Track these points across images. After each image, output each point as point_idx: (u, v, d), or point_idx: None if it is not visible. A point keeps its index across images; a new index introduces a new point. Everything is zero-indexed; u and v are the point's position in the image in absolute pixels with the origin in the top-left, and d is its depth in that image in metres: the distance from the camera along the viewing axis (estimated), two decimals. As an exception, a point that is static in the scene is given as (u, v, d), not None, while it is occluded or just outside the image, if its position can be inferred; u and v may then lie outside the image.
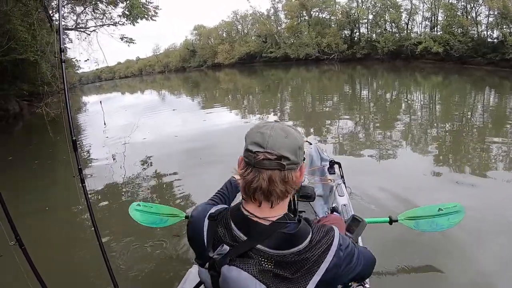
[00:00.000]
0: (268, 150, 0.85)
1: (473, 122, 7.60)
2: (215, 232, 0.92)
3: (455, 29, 25.03)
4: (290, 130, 0.90)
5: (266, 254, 0.85)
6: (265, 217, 0.89)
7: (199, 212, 0.99)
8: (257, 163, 0.85)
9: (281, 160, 0.85)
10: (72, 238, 3.36)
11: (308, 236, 0.87)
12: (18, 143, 9.44)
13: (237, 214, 0.92)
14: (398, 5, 31.11)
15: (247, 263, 0.85)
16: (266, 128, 0.88)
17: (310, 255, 0.85)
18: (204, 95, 20.16)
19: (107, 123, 8.34)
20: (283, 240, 0.86)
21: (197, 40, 58.09)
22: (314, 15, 39.10)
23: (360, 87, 17.20)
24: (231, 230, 0.90)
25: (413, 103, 10.96)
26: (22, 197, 4.56)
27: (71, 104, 2.07)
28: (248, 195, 0.89)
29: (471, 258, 2.57)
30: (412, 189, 3.78)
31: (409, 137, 6.44)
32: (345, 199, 2.68)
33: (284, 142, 0.86)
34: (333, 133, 7.22)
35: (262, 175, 0.85)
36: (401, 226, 2.42)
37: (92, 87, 51.68)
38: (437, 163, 4.87)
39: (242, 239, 0.88)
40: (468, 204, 2.41)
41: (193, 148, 6.51)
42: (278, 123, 0.92)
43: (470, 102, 10.38)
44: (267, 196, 0.87)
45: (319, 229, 0.91)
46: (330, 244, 0.88)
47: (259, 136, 0.87)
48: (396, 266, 2.47)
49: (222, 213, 0.95)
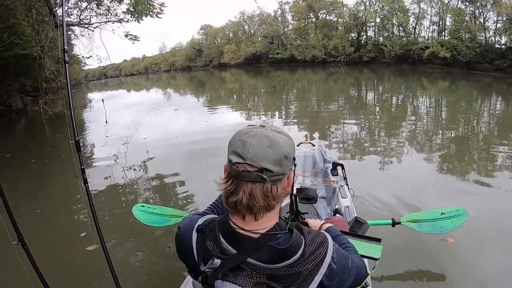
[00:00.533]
0: (248, 161, 0.78)
1: (479, 128, 7.53)
2: (204, 245, 0.87)
3: (463, 34, 24.86)
4: (276, 137, 0.81)
5: (257, 267, 0.81)
6: (251, 230, 0.83)
7: (186, 224, 0.93)
8: (237, 174, 0.79)
9: (262, 173, 0.78)
10: (73, 238, 3.34)
11: (300, 248, 0.82)
12: (19, 140, 9.39)
13: (225, 227, 0.86)
14: (406, 9, 30.98)
15: (240, 276, 0.81)
16: (248, 136, 0.80)
17: (302, 269, 0.81)
18: (209, 94, 20.19)
19: (109, 121, 8.29)
20: (274, 254, 0.81)
21: (203, 39, 58.28)
22: (321, 17, 39.04)
23: (366, 90, 17.12)
24: (220, 244, 0.85)
25: (419, 108, 10.86)
26: (21, 196, 4.51)
27: (75, 101, 2.05)
28: (230, 207, 0.84)
29: (471, 265, 2.56)
30: (416, 193, 3.77)
31: (414, 142, 6.38)
32: (348, 201, 2.67)
33: (266, 152, 0.78)
34: (338, 136, 7.18)
35: (242, 188, 0.79)
36: (404, 229, 2.41)
37: (97, 84, 51.86)
38: (441, 169, 4.84)
39: (232, 253, 0.83)
40: (471, 211, 2.40)
41: (195, 149, 6.47)
42: (264, 128, 0.83)
43: (477, 108, 10.28)
44: (250, 209, 0.81)
45: (312, 240, 0.85)
46: (324, 257, 0.84)
47: (240, 145, 0.80)
48: (397, 270, 2.47)
49: (210, 224, 0.89)
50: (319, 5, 38.03)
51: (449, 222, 2.31)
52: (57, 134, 7.84)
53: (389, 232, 2.40)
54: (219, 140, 7.05)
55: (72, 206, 4.05)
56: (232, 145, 0.82)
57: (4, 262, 2.47)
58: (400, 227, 2.39)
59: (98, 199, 4.25)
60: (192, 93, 22.07)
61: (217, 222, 0.88)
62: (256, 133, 0.81)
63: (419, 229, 2.34)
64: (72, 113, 1.93)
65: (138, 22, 14.64)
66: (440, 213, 2.35)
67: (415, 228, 2.35)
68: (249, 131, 0.82)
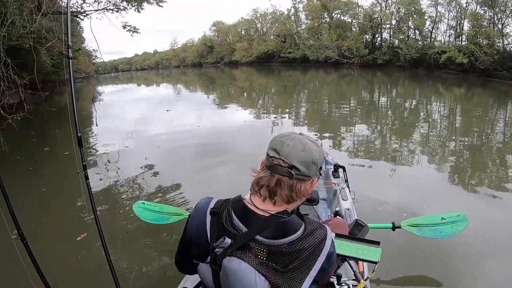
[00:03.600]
0: (282, 157, 0.90)
1: (493, 137, 7.22)
2: (217, 224, 0.94)
3: (480, 39, 24.20)
4: (310, 145, 0.94)
5: (261, 244, 0.88)
6: (265, 209, 0.92)
7: (200, 208, 1.01)
8: (271, 166, 0.91)
9: (291, 170, 0.90)
10: (73, 234, 3.27)
11: (301, 226, 0.91)
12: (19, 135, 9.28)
13: (238, 205, 0.95)
14: (423, 11, 30.28)
15: (247, 255, 0.88)
16: (287, 138, 0.93)
17: (305, 245, 0.88)
18: (220, 92, 19.97)
19: (116, 116, 8.17)
20: (276, 228, 0.89)
21: (215, 36, 58.15)
22: (336, 17, 38.51)
23: (379, 94, 16.74)
24: (232, 220, 0.93)
25: (432, 114, 10.51)
26: (22, 191, 4.39)
27: (83, 94, 1.90)
28: (256, 189, 0.95)
29: (470, 274, 2.55)
30: (419, 199, 3.73)
31: (423, 149, 6.16)
32: (348, 203, 2.67)
33: (298, 154, 0.91)
34: (346, 138, 7.07)
35: (272, 178, 0.91)
36: (403, 233, 2.44)
37: (108, 77, 52.27)
38: (449, 177, 4.69)
39: (242, 230, 0.91)
40: (474, 219, 2.44)
41: (200, 148, 6.36)
42: (301, 135, 0.96)
43: (492, 117, 9.89)
44: (272, 194, 0.92)
45: (311, 221, 0.95)
46: (324, 237, 0.91)
47: (279, 144, 0.93)
48: (395, 274, 2.46)
49: (222, 205, 0.97)
50: (334, 5, 37.49)
51: (449, 227, 2.32)
52: (59, 129, 7.75)
53: (390, 234, 2.42)
54: (226, 139, 7.04)
55: (73, 202, 4.01)
56: (272, 143, 0.96)
57: (3, 256, 2.49)
58: (400, 231, 2.41)
59: (99, 196, 4.20)
60: (203, 90, 21.94)
61: (231, 202, 0.98)
62: (294, 138, 0.94)
63: (419, 234, 2.36)
64: (74, 108, 1.93)
65: (138, 11, 13.63)
66: (440, 218, 2.37)
67: (415, 233, 2.37)
68: (289, 135, 0.96)
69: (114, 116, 11.38)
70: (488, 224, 3.16)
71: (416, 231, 2.36)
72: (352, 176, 3.20)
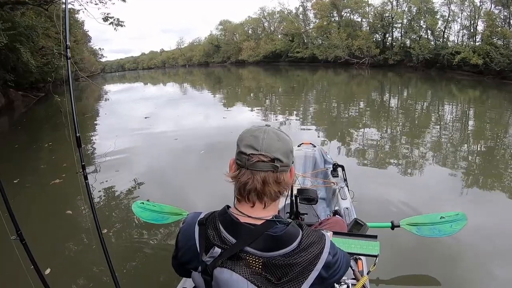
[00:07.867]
0: (262, 152, 0.86)
1: (506, 141, 6.89)
2: (206, 235, 0.90)
3: (495, 40, 23.40)
4: (282, 134, 0.93)
5: (254, 256, 0.85)
6: (256, 216, 0.89)
7: (189, 219, 0.98)
8: (251, 165, 0.86)
9: (274, 162, 0.86)
10: (72, 234, 3.30)
11: (296, 238, 0.86)
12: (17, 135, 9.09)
13: (225, 217, 0.91)
14: (435, 10, 29.43)
15: (238, 265, 0.84)
16: (259, 132, 0.90)
17: (298, 260, 0.84)
18: (227, 91, 19.65)
19: (121, 114, 7.98)
20: (270, 241, 0.85)
21: (222, 35, 57.84)
22: (345, 16, 37.81)
23: (389, 95, 16.21)
24: (220, 233, 0.89)
25: (444, 117, 10.08)
26: (21, 191, 4.45)
27: (87, 93, 1.64)
28: (243, 196, 0.90)
29: (470, 274, 2.53)
30: (420, 200, 3.69)
31: (430, 151, 5.98)
32: (347, 202, 2.68)
33: (277, 145, 0.88)
34: (354, 139, 7.01)
35: (256, 177, 0.86)
36: (402, 232, 2.45)
37: (114, 76, 52.59)
38: (453, 180, 4.56)
39: (231, 242, 0.87)
40: (476, 219, 2.52)
41: (205, 148, 6.25)
42: (270, 127, 0.93)
43: (506, 120, 9.43)
44: (261, 197, 0.89)
45: (309, 234, 0.89)
46: (321, 251, 0.87)
47: (253, 139, 0.88)
48: (394, 274, 2.46)
49: (210, 216, 0.94)
50: (343, 4, 36.81)
51: (448, 226, 2.32)
52: (59, 129, 7.60)
53: (389, 233, 2.42)
54: (230, 139, 6.58)
55: (72, 202, 4.05)
56: (244, 140, 0.90)
57: (3, 257, 2.56)
58: (399, 230, 2.42)
59: (98, 195, 4.24)
60: (209, 89, 21.73)
61: (217, 214, 0.93)
62: (265, 130, 0.90)
63: (418, 233, 2.36)
64: (73, 108, 1.93)
65: (124, 0, 12.88)
66: (439, 217, 2.38)
67: (414, 232, 2.37)
68: (257, 129, 0.91)
69: (118, 114, 11.56)
70: (490, 225, 3.13)
71: (415, 230, 2.37)
72: (352, 176, 3.24)
